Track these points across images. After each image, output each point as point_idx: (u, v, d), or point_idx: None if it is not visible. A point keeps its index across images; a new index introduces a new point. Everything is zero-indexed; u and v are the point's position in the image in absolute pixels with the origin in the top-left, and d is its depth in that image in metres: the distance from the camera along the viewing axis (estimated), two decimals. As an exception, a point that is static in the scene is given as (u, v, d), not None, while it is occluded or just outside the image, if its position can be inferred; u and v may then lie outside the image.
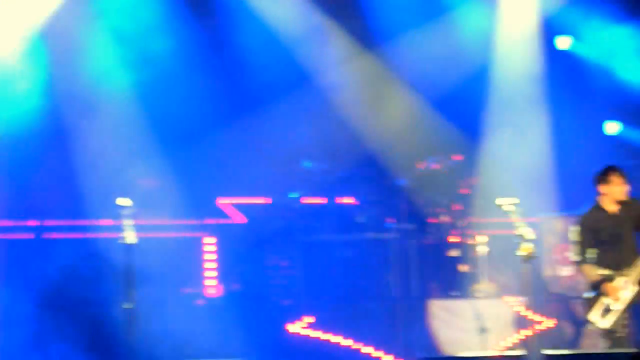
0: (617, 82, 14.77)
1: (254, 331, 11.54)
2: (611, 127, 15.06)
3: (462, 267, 12.73)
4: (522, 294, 10.59)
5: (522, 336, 11.42)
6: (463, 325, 11.70)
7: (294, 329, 11.47)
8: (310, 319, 11.53)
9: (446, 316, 11.78)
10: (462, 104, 13.78)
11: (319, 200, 13.27)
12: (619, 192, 10.13)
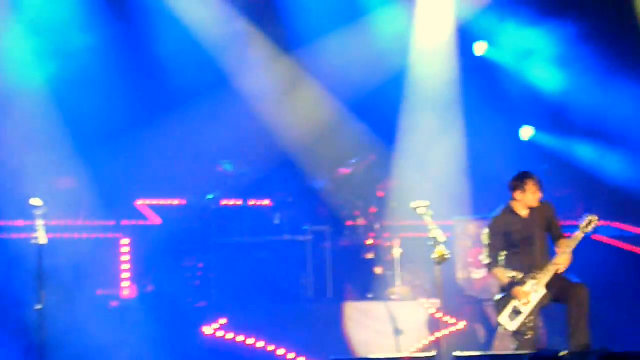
0: (531, 87, 14.98)
1: (168, 333, 11.46)
2: (526, 132, 15.25)
3: (378, 270, 12.80)
4: (436, 296, 10.67)
5: (434, 338, 11.48)
6: (377, 327, 11.73)
7: (209, 330, 11.41)
8: (225, 321, 11.48)
9: (360, 318, 11.81)
10: (378, 107, 13.86)
11: (236, 202, 13.25)
12: (533, 198, 10.27)
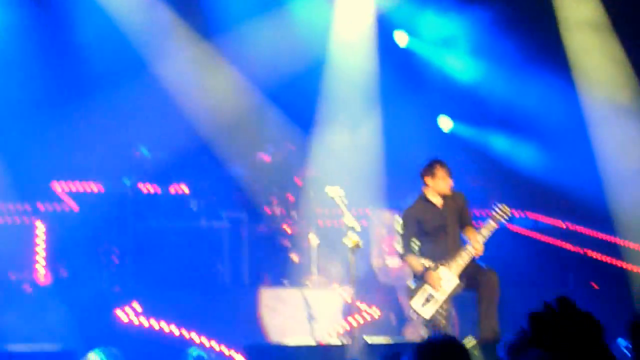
0: (448, 76, 15.14)
1: (81, 318, 11.40)
2: (444, 123, 15.42)
3: (293, 257, 12.86)
4: (350, 283, 10.75)
5: (349, 325, 11.56)
6: (292, 314, 11.78)
7: (122, 315, 11.38)
8: (140, 306, 11.45)
9: (275, 304, 11.85)
10: (297, 96, 13.89)
11: (153, 188, 13.21)
12: (443, 185, 10.35)
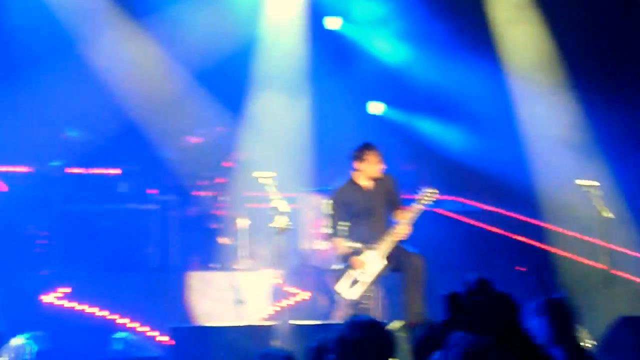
0: (380, 61, 15.21)
1: (7, 301, 11.27)
2: (374, 107, 15.49)
3: (223, 240, 12.84)
4: (279, 266, 10.77)
5: (277, 308, 11.59)
6: (219, 297, 11.77)
7: (49, 299, 11.28)
8: (67, 290, 11.36)
9: (203, 287, 11.82)
10: (227, 78, 13.85)
11: (81, 170, 13.09)
12: (373, 169, 10.41)
